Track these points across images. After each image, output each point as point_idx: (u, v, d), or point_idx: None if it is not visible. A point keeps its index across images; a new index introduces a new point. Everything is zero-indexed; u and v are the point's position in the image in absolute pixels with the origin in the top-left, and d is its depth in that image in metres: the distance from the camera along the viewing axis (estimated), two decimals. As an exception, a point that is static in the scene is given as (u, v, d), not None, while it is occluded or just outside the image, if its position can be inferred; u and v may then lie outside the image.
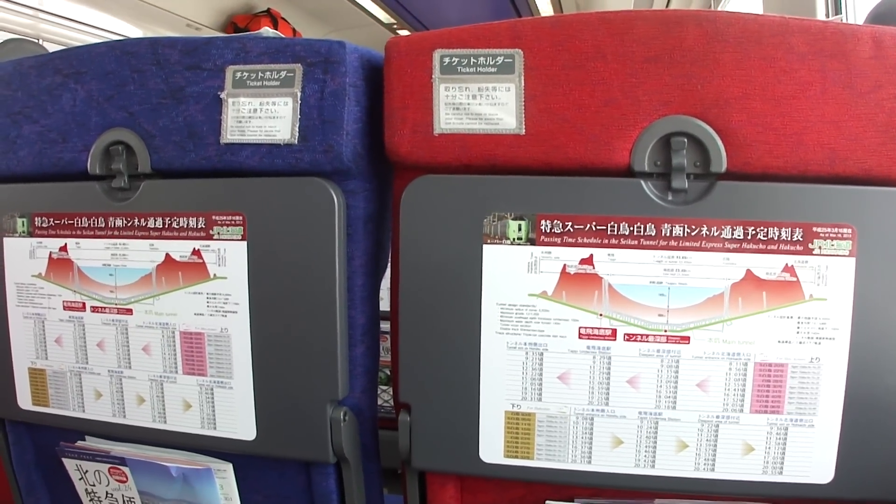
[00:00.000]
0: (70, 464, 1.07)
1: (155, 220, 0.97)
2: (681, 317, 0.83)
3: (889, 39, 0.79)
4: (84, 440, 1.09)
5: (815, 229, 0.80)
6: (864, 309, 0.81)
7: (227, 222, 0.94)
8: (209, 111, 0.94)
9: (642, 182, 0.83)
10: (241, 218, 0.93)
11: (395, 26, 5.97)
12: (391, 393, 1.58)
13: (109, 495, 1.08)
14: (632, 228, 0.83)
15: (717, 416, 0.84)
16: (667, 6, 4.97)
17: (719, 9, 3.61)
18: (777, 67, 0.80)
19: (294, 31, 5.53)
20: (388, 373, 1.52)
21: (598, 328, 0.85)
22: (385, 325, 1.01)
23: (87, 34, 3.90)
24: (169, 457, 1.03)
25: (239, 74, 0.93)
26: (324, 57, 0.90)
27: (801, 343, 0.82)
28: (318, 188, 0.91)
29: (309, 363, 0.94)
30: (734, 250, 0.82)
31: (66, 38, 3.78)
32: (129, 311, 1.00)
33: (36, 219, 1.03)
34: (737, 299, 0.82)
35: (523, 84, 0.85)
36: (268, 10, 5.37)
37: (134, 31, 4.32)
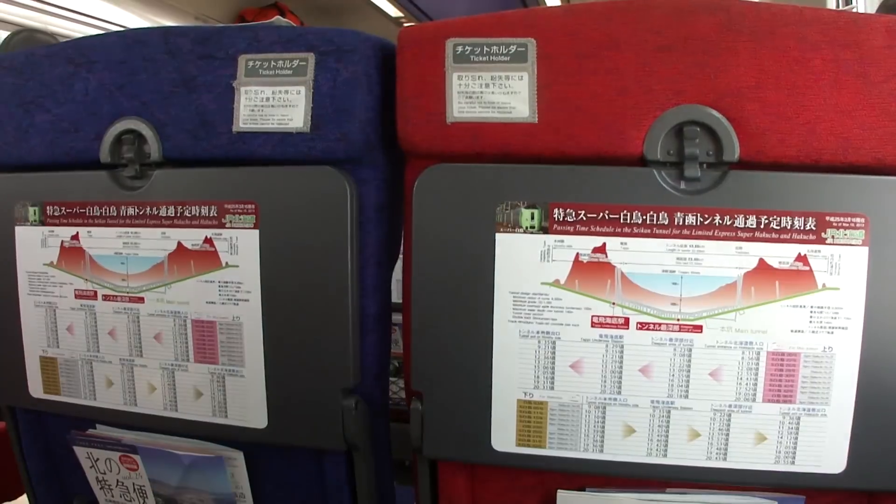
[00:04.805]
0: (81, 452, 1.07)
1: (167, 209, 0.97)
2: (693, 305, 0.83)
3: None
4: (95, 428, 1.09)
5: (827, 218, 0.80)
6: (876, 298, 0.81)
7: (239, 211, 0.94)
8: (221, 100, 0.94)
9: (655, 171, 0.83)
10: (253, 206, 0.93)
11: (402, 20, 5.96)
12: (400, 384, 1.59)
13: (120, 483, 1.08)
14: (645, 217, 0.83)
15: (730, 406, 0.84)
16: None
17: None
18: (790, 57, 0.80)
19: (301, 23, 5.52)
20: (398, 364, 1.52)
21: (611, 317, 0.85)
22: (396, 317, 1.01)
23: (93, 27, 3.89)
24: (180, 445, 1.03)
25: (251, 63, 0.93)
26: (336, 46, 0.90)
27: (813, 332, 0.82)
28: (331, 177, 0.91)
29: (321, 352, 0.94)
30: (747, 239, 0.82)
31: (71, 31, 3.77)
32: (141, 300, 1.00)
33: (48, 207, 1.03)
34: (749, 288, 0.82)
35: (536, 73, 0.85)
36: (275, 3, 5.36)
37: (142, 25, 4.32)
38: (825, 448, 0.84)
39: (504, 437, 0.90)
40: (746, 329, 0.82)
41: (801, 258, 0.81)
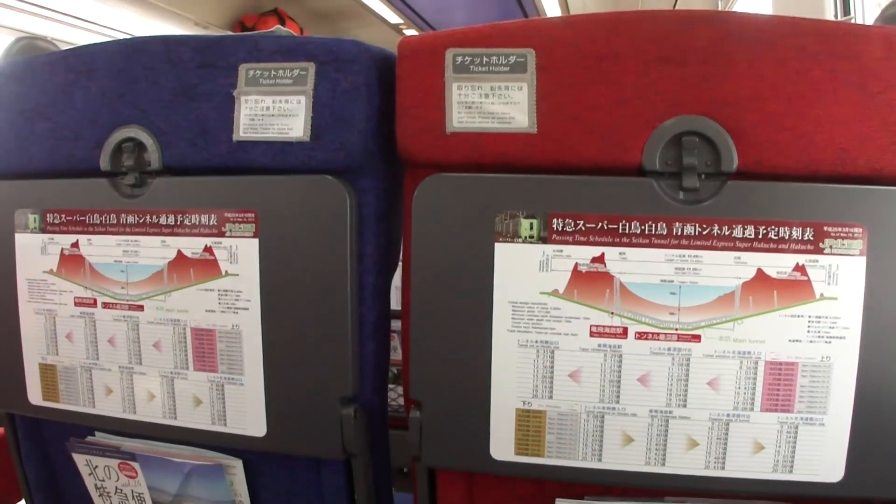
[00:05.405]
0: (80, 459, 1.07)
1: (167, 217, 0.97)
2: (692, 315, 0.83)
3: None
4: (94, 436, 1.09)
5: (825, 229, 0.80)
6: (874, 308, 0.81)
7: (239, 219, 0.94)
8: (222, 109, 0.94)
9: (654, 181, 0.83)
10: (253, 215, 0.94)
11: (401, 27, 5.97)
12: (399, 391, 1.59)
13: (119, 491, 1.08)
14: (643, 227, 0.83)
15: (728, 415, 0.84)
16: (674, 6, 4.97)
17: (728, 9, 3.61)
18: (789, 68, 0.80)
19: (301, 30, 5.53)
20: (396, 371, 1.52)
21: (610, 326, 0.85)
22: (395, 324, 1.01)
23: (93, 33, 3.89)
24: (179, 453, 1.03)
25: (252, 72, 0.93)
26: (336, 55, 0.90)
27: (811, 342, 0.82)
28: (331, 186, 0.91)
29: (320, 360, 0.94)
30: (745, 249, 0.82)
31: (73, 39, 3.77)
32: (141, 308, 1.00)
33: (48, 215, 1.03)
34: (747, 298, 0.82)
35: (536, 83, 0.85)
36: (275, 10, 5.37)
37: (141, 30, 4.32)
38: (823, 457, 0.84)
39: (503, 445, 0.90)
40: (744, 339, 0.83)
41: (799, 268, 0.81)
